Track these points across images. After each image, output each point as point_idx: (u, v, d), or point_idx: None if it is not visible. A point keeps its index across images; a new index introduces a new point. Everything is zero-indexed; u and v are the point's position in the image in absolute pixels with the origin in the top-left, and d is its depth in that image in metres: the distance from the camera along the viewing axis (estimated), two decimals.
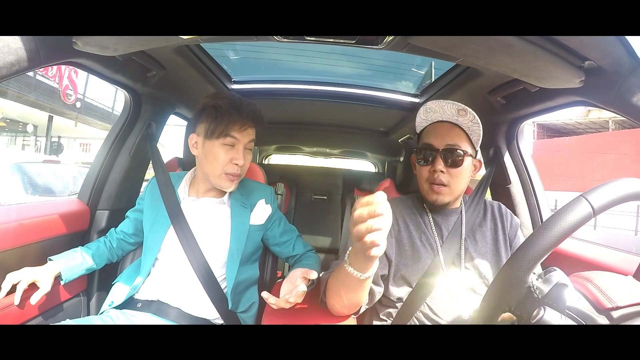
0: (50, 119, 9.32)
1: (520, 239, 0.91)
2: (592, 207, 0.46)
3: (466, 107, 0.84)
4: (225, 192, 1.01)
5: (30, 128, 10.58)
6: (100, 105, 10.86)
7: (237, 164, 0.93)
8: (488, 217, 0.94)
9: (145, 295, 0.94)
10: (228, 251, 0.97)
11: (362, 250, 0.56)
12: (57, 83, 8.47)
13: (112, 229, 1.11)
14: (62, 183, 4.10)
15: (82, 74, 8.57)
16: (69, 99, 8.78)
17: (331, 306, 0.79)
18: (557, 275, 0.48)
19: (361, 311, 0.83)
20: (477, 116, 0.85)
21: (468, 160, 0.87)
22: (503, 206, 0.98)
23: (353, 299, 0.74)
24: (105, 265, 1.07)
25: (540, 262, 0.47)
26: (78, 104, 9.26)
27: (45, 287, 0.87)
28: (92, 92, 10.40)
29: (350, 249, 0.67)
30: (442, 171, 0.85)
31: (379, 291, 0.84)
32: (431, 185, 0.87)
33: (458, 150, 0.85)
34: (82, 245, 1.05)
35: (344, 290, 0.72)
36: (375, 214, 0.52)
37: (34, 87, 7.83)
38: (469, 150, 0.87)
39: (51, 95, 8.43)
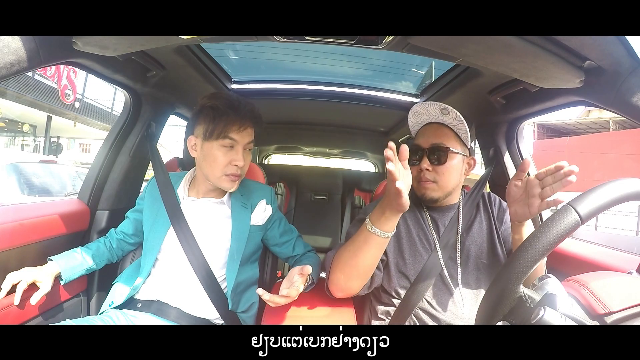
0: (49, 119, 9.23)
1: (509, 222, 0.91)
2: (579, 215, 0.46)
3: (448, 106, 0.86)
4: (226, 193, 1.01)
5: (27, 128, 10.49)
6: (100, 105, 10.76)
7: (237, 165, 0.93)
8: (481, 208, 0.96)
9: (146, 295, 0.94)
10: (228, 251, 0.97)
11: (390, 202, 0.68)
12: (56, 83, 8.37)
13: (112, 230, 1.11)
14: (59, 183, 4.05)
15: (81, 73, 8.49)
16: (68, 99, 8.69)
17: (338, 280, 0.82)
18: (551, 282, 0.48)
19: (362, 293, 0.85)
20: (459, 114, 0.85)
21: (456, 158, 0.88)
22: (492, 194, 1.00)
23: (366, 264, 0.78)
24: (105, 266, 1.07)
25: (530, 273, 0.47)
26: (77, 104, 9.16)
27: (45, 287, 0.87)
28: (91, 92, 10.28)
29: (372, 212, 0.75)
30: (427, 169, 0.87)
31: (379, 275, 0.86)
32: (419, 183, 0.90)
33: (442, 148, 0.87)
34: (82, 246, 1.05)
35: (361, 254, 0.76)
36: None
37: (32, 87, 7.75)
38: (458, 148, 0.88)
39: (50, 95, 8.34)
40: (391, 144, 0.63)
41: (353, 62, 1.55)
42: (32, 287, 0.86)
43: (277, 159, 3.54)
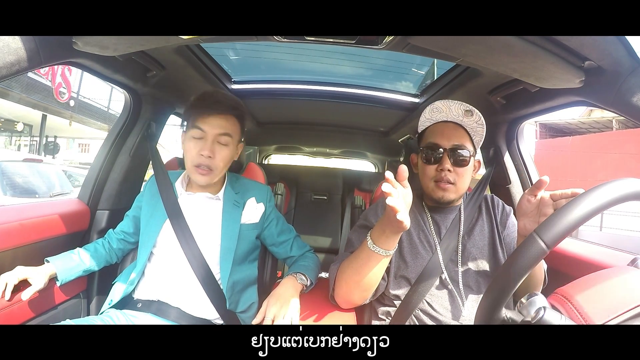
0: (44, 117, 8.91)
1: (511, 227, 0.92)
2: (544, 243, 0.47)
3: (473, 108, 0.85)
4: (221, 189, 1.02)
5: (20, 127, 10.17)
6: (96, 104, 10.41)
7: (202, 155, 0.92)
8: (483, 211, 0.95)
9: (145, 294, 0.94)
10: (220, 250, 0.97)
11: (390, 221, 0.67)
12: (50, 81, 8.04)
13: (110, 230, 1.10)
14: (44, 183, 3.83)
15: (76, 71, 8.17)
16: (62, 98, 8.37)
17: (343, 294, 0.83)
18: (537, 301, 0.48)
19: (367, 301, 0.85)
20: (482, 117, 0.85)
21: (472, 160, 0.89)
22: (495, 197, 1.00)
23: (370, 281, 0.78)
24: (106, 266, 1.07)
25: (505, 302, 0.49)
26: (72, 103, 8.82)
27: (37, 284, 0.86)
28: (86, 91, 9.85)
29: (373, 229, 0.75)
30: (449, 170, 0.86)
31: (383, 284, 0.86)
32: (437, 183, 0.88)
33: (464, 150, 0.87)
34: (82, 246, 1.04)
35: (364, 271, 0.76)
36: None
37: (26, 85, 7.45)
38: (472, 150, 0.89)
39: (44, 93, 8.00)
40: (388, 174, 0.64)
41: (353, 62, 1.55)
42: (27, 286, 0.85)
43: (277, 159, 3.54)
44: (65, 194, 3.91)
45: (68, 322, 0.83)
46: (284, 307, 0.83)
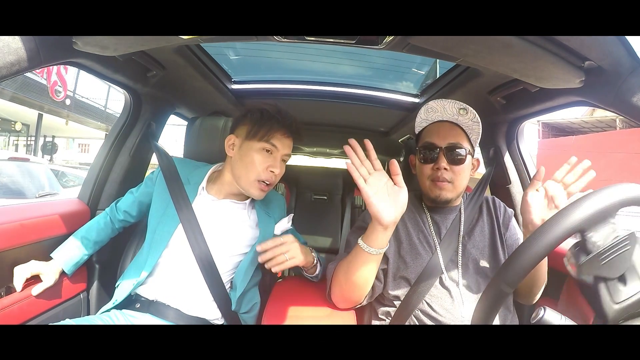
0: (40, 117, 8.77)
1: (513, 229, 0.93)
2: (506, 290, 0.51)
3: (467, 106, 0.85)
4: (247, 197, 1.01)
5: (19, 127, 9.85)
6: (93, 103, 10.13)
7: (273, 172, 0.93)
8: (484, 212, 0.95)
9: (146, 293, 0.93)
10: (250, 257, 0.96)
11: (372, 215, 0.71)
12: (45, 79, 7.86)
13: (113, 206, 1.08)
14: (31, 183, 3.67)
15: (72, 70, 8.02)
16: (58, 96, 8.19)
17: (337, 293, 0.84)
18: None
19: (364, 303, 0.86)
20: (477, 115, 0.85)
21: (469, 158, 0.89)
22: (496, 199, 0.99)
23: (360, 280, 0.79)
24: (106, 265, 1.08)
25: (502, 303, 0.52)
26: (68, 101, 8.65)
27: (48, 281, 0.91)
28: (83, 90, 9.63)
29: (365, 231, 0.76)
30: (445, 169, 0.86)
31: (379, 286, 0.87)
32: (434, 182, 0.88)
33: (460, 149, 0.87)
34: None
35: (355, 270, 0.78)
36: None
37: (20, 83, 7.30)
38: (469, 148, 0.89)
39: (40, 92, 7.82)
40: (352, 141, 0.67)
41: (353, 62, 1.55)
42: (38, 281, 0.89)
43: None
44: (53, 195, 3.78)
45: (68, 321, 0.83)
46: (290, 245, 0.86)
